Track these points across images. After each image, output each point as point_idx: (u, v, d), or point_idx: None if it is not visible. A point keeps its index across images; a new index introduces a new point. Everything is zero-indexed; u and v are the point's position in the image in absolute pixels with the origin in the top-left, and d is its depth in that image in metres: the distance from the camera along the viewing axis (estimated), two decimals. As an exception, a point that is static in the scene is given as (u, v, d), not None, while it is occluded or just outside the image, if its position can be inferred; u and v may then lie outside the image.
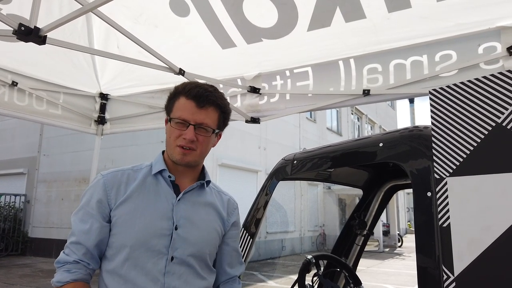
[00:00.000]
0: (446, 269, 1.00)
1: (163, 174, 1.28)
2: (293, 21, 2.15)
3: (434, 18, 2.01)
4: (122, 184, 1.25)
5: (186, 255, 1.22)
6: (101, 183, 1.24)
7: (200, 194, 1.33)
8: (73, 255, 1.19)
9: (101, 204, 1.21)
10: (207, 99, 1.23)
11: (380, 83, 2.30)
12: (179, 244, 1.21)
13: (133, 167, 1.32)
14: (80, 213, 1.23)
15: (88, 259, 1.19)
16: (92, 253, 1.20)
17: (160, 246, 1.19)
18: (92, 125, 3.17)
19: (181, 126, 1.22)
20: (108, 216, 1.21)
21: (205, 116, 1.24)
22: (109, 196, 1.22)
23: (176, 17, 2.26)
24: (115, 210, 1.21)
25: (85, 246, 1.19)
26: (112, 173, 1.28)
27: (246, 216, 1.85)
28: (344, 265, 1.82)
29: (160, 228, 1.20)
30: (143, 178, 1.27)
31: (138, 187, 1.24)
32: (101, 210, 1.21)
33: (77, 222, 1.22)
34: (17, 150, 15.92)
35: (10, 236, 14.07)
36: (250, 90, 2.64)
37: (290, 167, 1.70)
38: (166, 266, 1.19)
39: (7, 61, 2.61)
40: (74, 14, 1.50)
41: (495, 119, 0.98)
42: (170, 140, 1.25)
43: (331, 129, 21.00)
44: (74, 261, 1.18)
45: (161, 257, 1.19)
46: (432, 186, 1.09)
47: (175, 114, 1.23)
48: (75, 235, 1.20)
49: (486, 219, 0.95)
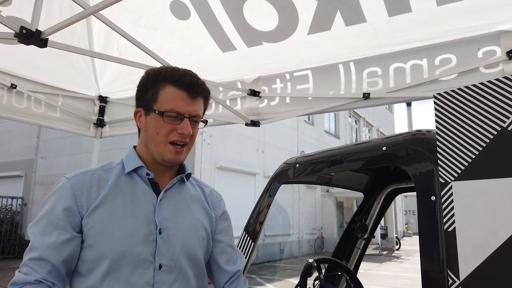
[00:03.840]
0: (452, 274, 1.00)
1: (139, 172, 1.12)
2: (294, 25, 2.16)
3: (434, 22, 2.02)
4: (93, 187, 1.07)
5: (176, 260, 1.08)
6: (68, 187, 1.05)
7: (182, 190, 1.19)
8: (34, 273, 0.97)
9: (69, 212, 1.02)
10: (200, 88, 1.11)
11: (380, 86, 2.31)
12: (166, 249, 1.07)
13: (103, 167, 1.15)
14: (41, 224, 1.02)
15: (53, 278, 0.98)
16: (59, 270, 1.00)
17: (146, 254, 1.04)
18: (91, 127, 3.16)
19: (173, 119, 1.07)
20: (78, 226, 1.03)
21: (198, 107, 1.11)
22: (79, 202, 1.04)
23: (176, 20, 2.26)
24: (87, 218, 1.03)
25: (49, 262, 0.98)
26: (79, 175, 1.09)
27: (248, 220, 1.85)
28: (345, 269, 1.82)
29: (143, 234, 1.05)
30: (117, 178, 1.10)
31: (112, 189, 1.08)
32: (70, 219, 1.02)
33: (37, 234, 1.01)
34: (14, 152, 15.85)
35: (7, 239, 13.98)
36: (250, 93, 2.64)
37: (292, 171, 1.69)
38: (154, 276, 1.04)
39: (6, 64, 2.60)
40: (76, 18, 1.49)
41: (500, 124, 0.98)
42: (159, 137, 1.08)
43: (329, 131, 21.04)
44: (36, 281, 0.96)
45: (148, 266, 1.04)
46: (436, 190, 1.09)
47: (166, 107, 1.07)
48: (37, 249, 0.99)
49: (492, 223, 0.95)
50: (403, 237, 27.18)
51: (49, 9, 2.16)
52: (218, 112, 2.77)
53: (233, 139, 13.49)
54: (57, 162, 14.60)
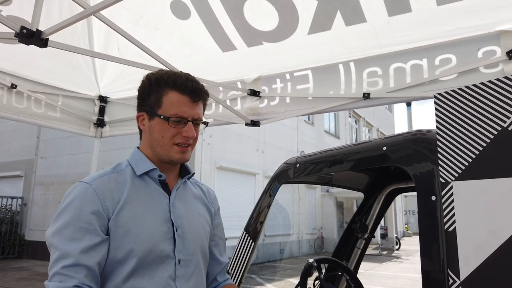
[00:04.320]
0: (452, 274, 1.00)
1: (150, 174, 1.19)
2: (294, 25, 2.16)
3: (434, 22, 2.02)
4: (113, 190, 1.12)
5: (191, 254, 1.19)
6: (91, 191, 1.08)
7: (186, 189, 1.29)
8: (71, 280, 0.98)
9: (97, 215, 1.06)
10: (201, 93, 1.18)
11: (380, 86, 2.31)
12: (182, 245, 1.17)
13: (114, 169, 1.19)
14: (68, 231, 1.03)
15: (90, 281, 1.01)
16: (94, 273, 1.03)
17: (168, 250, 1.14)
18: (91, 127, 3.16)
19: (177, 124, 1.14)
20: (106, 228, 1.07)
21: (199, 110, 1.19)
22: (104, 205, 1.08)
23: (176, 19, 2.26)
24: (113, 221, 1.08)
25: (85, 267, 1.01)
26: (98, 179, 1.13)
27: (248, 220, 1.85)
28: (345, 269, 1.82)
29: (163, 232, 1.14)
30: (131, 180, 1.16)
31: (131, 192, 1.14)
32: (99, 223, 1.06)
33: (66, 242, 1.02)
34: (14, 152, 15.85)
35: (6, 239, 13.99)
36: (250, 93, 2.64)
37: (292, 171, 1.69)
38: (175, 270, 1.14)
39: (6, 64, 2.60)
40: (76, 18, 1.49)
41: (501, 124, 0.98)
42: (165, 140, 1.15)
43: (328, 131, 21.04)
44: (74, 286, 0.97)
45: (169, 262, 1.13)
46: (437, 190, 1.09)
47: (170, 112, 1.13)
48: (69, 256, 1.00)
49: (493, 223, 0.95)
50: (403, 237, 27.19)
51: (49, 9, 2.16)
52: (218, 112, 2.77)
53: (233, 139, 13.49)
54: (57, 162, 14.60)
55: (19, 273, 10.75)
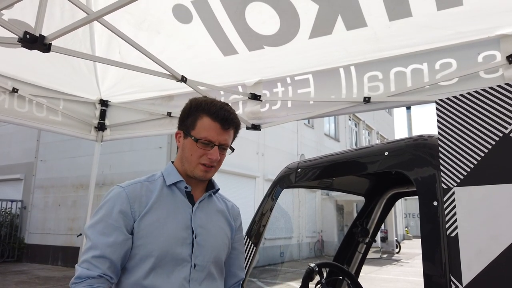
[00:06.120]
0: (454, 279, 1.00)
1: (178, 185, 1.33)
2: (295, 29, 2.17)
3: (435, 26, 2.03)
4: (143, 196, 1.27)
5: (206, 261, 1.29)
6: (124, 195, 1.25)
7: (210, 203, 1.41)
8: (96, 269, 1.16)
9: (125, 215, 1.22)
10: (232, 122, 1.31)
11: (381, 90, 2.31)
12: (199, 251, 1.27)
13: (148, 178, 1.35)
14: (100, 226, 1.21)
15: (111, 273, 1.18)
16: (116, 266, 1.19)
17: (184, 254, 1.25)
18: (92, 131, 3.17)
19: (205, 146, 1.28)
20: (131, 228, 1.23)
21: (228, 137, 1.32)
22: (133, 208, 1.24)
23: (178, 23, 2.26)
24: (138, 222, 1.23)
25: (109, 259, 1.17)
26: (132, 185, 1.30)
27: (250, 224, 1.85)
28: (347, 273, 1.82)
29: (182, 237, 1.26)
30: (160, 189, 1.31)
31: (157, 198, 1.28)
32: (125, 222, 1.22)
33: (97, 235, 1.20)
34: (14, 155, 15.82)
35: (6, 242, 13.94)
36: (251, 97, 2.65)
37: (294, 175, 1.70)
38: (190, 273, 1.24)
39: (7, 68, 2.61)
40: (79, 23, 1.50)
41: (502, 130, 0.98)
42: (192, 158, 1.29)
43: (328, 135, 21.04)
44: (98, 276, 1.15)
45: (185, 265, 1.24)
46: (438, 195, 1.09)
47: (201, 134, 1.27)
48: (98, 248, 1.18)
49: (495, 229, 0.95)
50: (403, 240, 27.13)
51: (51, 12, 2.17)
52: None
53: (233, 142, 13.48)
54: (56, 165, 14.57)
55: (18, 277, 10.72)
